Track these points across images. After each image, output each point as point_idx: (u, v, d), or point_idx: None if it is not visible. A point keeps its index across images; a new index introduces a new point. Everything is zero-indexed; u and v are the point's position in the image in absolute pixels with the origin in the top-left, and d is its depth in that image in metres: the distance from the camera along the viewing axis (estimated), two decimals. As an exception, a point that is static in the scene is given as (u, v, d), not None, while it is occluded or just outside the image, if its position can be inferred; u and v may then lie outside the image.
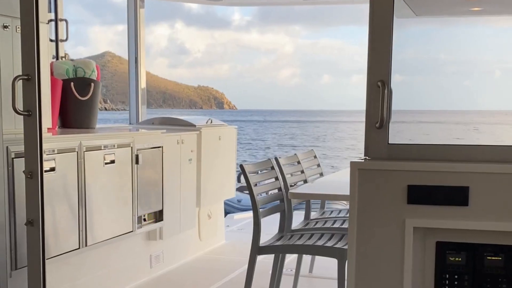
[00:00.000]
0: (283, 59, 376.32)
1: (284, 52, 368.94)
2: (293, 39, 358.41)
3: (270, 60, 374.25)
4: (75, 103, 4.24)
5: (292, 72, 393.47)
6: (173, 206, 4.79)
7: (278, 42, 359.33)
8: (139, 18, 5.73)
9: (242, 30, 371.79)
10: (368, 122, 2.24)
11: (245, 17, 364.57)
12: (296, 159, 4.58)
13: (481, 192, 2.11)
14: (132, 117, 5.85)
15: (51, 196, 3.37)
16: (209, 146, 5.33)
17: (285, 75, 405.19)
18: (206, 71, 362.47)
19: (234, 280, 4.75)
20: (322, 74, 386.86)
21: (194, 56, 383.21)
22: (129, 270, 4.48)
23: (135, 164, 4.15)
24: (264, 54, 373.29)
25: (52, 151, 3.40)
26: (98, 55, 29.77)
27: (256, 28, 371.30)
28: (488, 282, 2.18)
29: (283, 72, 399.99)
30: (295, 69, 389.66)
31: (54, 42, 4.76)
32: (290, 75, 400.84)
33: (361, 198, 2.20)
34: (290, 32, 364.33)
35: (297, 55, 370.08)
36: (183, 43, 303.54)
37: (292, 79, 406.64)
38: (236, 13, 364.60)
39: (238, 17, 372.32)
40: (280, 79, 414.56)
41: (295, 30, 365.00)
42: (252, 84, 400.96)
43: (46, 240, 3.00)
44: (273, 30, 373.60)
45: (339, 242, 3.63)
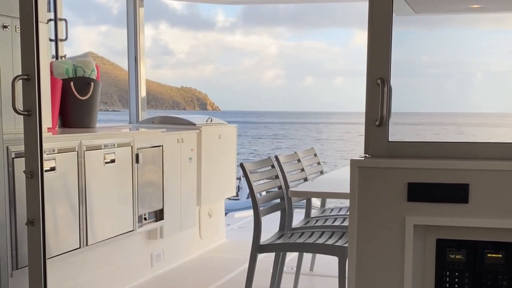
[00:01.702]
0: (266, 60, 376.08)
1: (268, 54, 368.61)
2: (276, 40, 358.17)
3: (253, 62, 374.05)
4: (75, 103, 4.24)
5: (275, 73, 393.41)
6: (173, 205, 4.80)
7: (262, 44, 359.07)
8: (138, 17, 5.73)
9: (226, 31, 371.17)
10: (368, 120, 2.24)
11: (229, 18, 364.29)
12: (296, 157, 4.58)
13: (481, 189, 2.11)
14: (132, 117, 5.85)
15: (52, 195, 3.37)
16: (209, 144, 5.33)
17: (268, 76, 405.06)
18: (190, 72, 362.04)
19: (234, 278, 4.75)
20: (306, 75, 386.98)
21: (177, 57, 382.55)
22: (130, 269, 4.49)
23: (135, 163, 4.15)
24: (248, 56, 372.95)
25: (52, 151, 3.41)
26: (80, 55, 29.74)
27: (240, 29, 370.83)
28: (489, 279, 2.18)
29: (266, 74, 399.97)
30: (279, 71, 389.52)
31: (54, 41, 4.76)
32: (273, 76, 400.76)
33: (361, 196, 2.21)
34: (274, 33, 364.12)
35: (280, 57, 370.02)
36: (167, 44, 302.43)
37: (276, 80, 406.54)
38: (220, 14, 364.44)
39: (222, 18, 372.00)
40: (264, 80, 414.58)
41: (279, 32, 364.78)
42: (236, 85, 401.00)
43: (47, 240, 3.00)
44: (257, 31, 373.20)
45: (339, 240, 3.63)
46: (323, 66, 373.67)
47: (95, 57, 59.14)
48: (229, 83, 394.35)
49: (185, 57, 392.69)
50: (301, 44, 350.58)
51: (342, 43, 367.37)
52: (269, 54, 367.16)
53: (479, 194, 2.11)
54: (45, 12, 3.71)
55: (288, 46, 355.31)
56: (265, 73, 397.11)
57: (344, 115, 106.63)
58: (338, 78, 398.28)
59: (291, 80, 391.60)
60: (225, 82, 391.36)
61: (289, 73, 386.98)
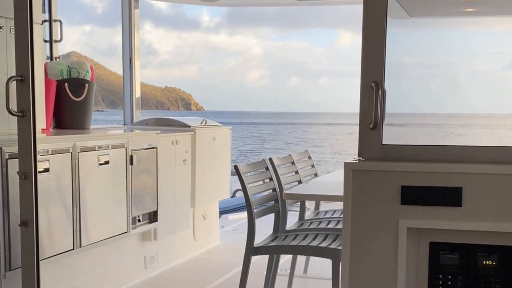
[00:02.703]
0: (251, 61, 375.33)
1: (253, 54, 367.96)
2: (261, 41, 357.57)
3: (238, 62, 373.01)
4: (69, 104, 4.24)
5: (260, 74, 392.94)
6: (167, 206, 4.79)
7: (246, 44, 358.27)
8: (133, 19, 5.73)
9: (211, 31, 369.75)
10: (362, 123, 2.24)
11: (214, 18, 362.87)
12: (291, 159, 4.58)
13: (475, 192, 2.12)
14: (126, 118, 5.85)
15: (45, 197, 3.36)
16: (203, 146, 5.33)
17: (253, 77, 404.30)
18: (174, 72, 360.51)
19: (228, 280, 4.75)
20: (290, 76, 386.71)
21: (162, 57, 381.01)
22: (123, 271, 4.48)
23: (129, 165, 4.14)
24: (233, 56, 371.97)
25: (46, 152, 3.40)
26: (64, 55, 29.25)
27: (225, 29, 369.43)
28: (482, 283, 2.19)
29: (251, 74, 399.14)
30: (264, 71, 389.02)
31: (48, 42, 4.76)
32: (258, 77, 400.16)
33: (355, 199, 2.21)
34: (259, 34, 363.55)
35: (265, 57, 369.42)
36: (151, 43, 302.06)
37: (260, 80, 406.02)
38: (205, 14, 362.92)
39: (207, 18, 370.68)
40: (248, 80, 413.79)
41: (264, 32, 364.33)
42: (220, 85, 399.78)
43: (40, 241, 2.99)
44: (242, 31, 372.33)
45: (333, 242, 3.63)
46: (308, 67, 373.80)
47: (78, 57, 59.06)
48: (214, 83, 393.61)
49: (170, 57, 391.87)
50: (286, 45, 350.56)
51: (326, 43, 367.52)
52: (254, 55, 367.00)
53: (473, 197, 2.12)
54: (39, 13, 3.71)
55: (273, 47, 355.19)
56: (249, 73, 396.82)
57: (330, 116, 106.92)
58: (323, 79, 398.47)
59: (276, 80, 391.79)
60: (210, 82, 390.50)
61: (273, 74, 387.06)
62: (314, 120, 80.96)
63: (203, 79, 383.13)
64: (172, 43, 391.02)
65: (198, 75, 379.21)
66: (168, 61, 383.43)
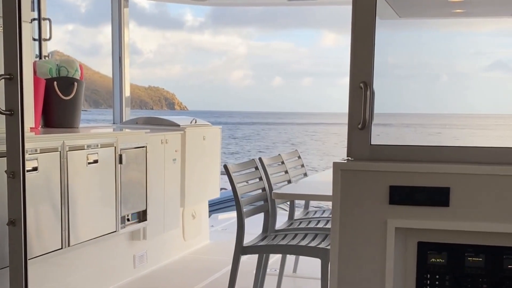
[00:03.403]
0: (235, 60, 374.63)
1: (236, 54, 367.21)
2: (245, 40, 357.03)
3: (222, 62, 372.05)
4: (58, 103, 4.22)
5: (244, 73, 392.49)
6: (157, 206, 4.78)
7: (230, 44, 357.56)
8: (123, 18, 5.71)
9: (195, 31, 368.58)
10: (350, 123, 2.25)
11: (198, 18, 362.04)
12: (280, 159, 4.59)
13: (462, 193, 2.13)
14: (116, 117, 5.83)
15: (34, 196, 3.35)
16: (193, 146, 5.33)
17: (237, 76, 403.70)
18: (157, 72, 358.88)
19: (218, 280, 4.75)
20: (274, 76, 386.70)
21: (145, 56, 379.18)
22: (112, 270, 4.47)
23: (118, 164, 4.13)
24: (216, 55, 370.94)
25: (35, 151, 3.38)
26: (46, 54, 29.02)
27: (209, 29, 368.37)
28: (469, 282, 2.20)
29: (235, 74, 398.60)
30: (247, 71, 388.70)
31: (37, 41, 4.73)
32: (242, 76, 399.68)
33: (344, 198, 2.22)
34: (243, 33, 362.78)
35: (249, 57, 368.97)
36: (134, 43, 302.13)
37: (244, 80, 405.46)
38: (189, 13, 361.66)
39: (191, 18, 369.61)
40: (232, 80, 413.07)
41: (248, 32, 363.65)
42: (204, 85, 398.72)
43: (29, 240, 2.98)
44: (226, 31, 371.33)
45: (322, 242, 3.64)
46: (291, 67, 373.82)
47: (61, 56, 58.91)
48: (197, 83, 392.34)
49: (153, 56, 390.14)
50: (270, 45, 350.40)
51: (309, 44, 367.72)
52: (237, 54, 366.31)
53: (460, 197, 2.13)
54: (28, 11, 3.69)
55: (256, 46, 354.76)
56: (233, 73, 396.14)
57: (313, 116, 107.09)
58: (306, 79, 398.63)
59: (259, 80, 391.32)
60: (193, 81, 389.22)
61: (257, 73, 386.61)
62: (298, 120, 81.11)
63: (186, 79, 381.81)
64: (155, 43, 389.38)
65: (182, 74, 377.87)
66: (151, 60, 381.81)
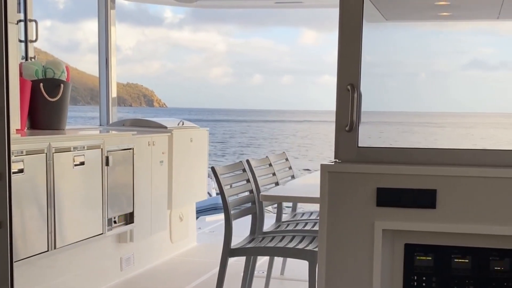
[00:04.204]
0: (214, 58, 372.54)
1: (216, 51, 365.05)
2: (225, 38, 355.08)
3: (201, 59, 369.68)
4: (44, 104, 4.19)
5: (223, 71, 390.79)
6: (144, 208, 4.77)
7: (210, 41, 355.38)
8: (110, 17, 5.69)
9: (174, 27, 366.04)
10: (338, 125, 2.26)
11: (178, 14, 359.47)
12: (268, 161, 4.59)
13: (448, 195, 2.14)
14: (102, 119, 5.80)
15: (20, 198, 3.33)
16: (180, 148, 5.32)
17: (216, 74, 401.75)
18: (136, 69, 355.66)
19: (205, 282, 4.74)
20: (254, 73, 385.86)
21: (124, 53, 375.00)
22: (99, 273, 4.44)
23: (105, 165, 4.11)
24: (196, 52, 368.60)
25: (21, 153, 3.36)
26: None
27: (189, 26, 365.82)
28: (456, 284, 2.21)
29: (214, 71, 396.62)
30: (227, 68, 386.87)
31: (23, 42, 4.71)
32: (221, 74, 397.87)
33: (331, 200, 2.22)
34: (223, 31, 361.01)
35: (228, 54, 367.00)
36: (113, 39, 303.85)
37: (224, 78, 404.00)
38: (168, 10, 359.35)
39: (171, 15, 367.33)
40: (212, 77, 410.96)
41: (228, 29, 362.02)
42: (183, 82, 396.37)
43: (14, 243, 2.95)
44: (205, 28, 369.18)
45: (310, 244, 3.65)
46: (271, 65, 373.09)
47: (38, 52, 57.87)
48: (177, 80, 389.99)
49: (132, 53, 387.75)
50: (249, 42, 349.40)
51: (289, 41, 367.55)
52: (217, 51, 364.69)
53: (446, 199, 2.14)
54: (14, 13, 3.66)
55: (236, 44, 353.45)
56: (213, 70, 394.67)
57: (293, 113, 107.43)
58: (286, 77, 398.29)
59: (239, 77, 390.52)
60: (172, 79, 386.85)
61: (237, 71, 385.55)
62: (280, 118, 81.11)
63: (165, 76, 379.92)
64: (134, 39, 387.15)
65: (161, 71, 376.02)
66: (130, 57, 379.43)
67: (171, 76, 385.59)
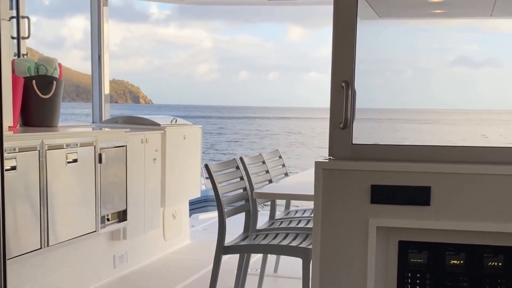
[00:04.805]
0: (200, 54, 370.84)
1: (202, 47, 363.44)
2: (211, 34, 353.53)
3: (187, 55, 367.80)
4: (37, 101, 4.17)
5: (209, 67, 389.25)
6: (137, 206, 4.75)
7: (196, 37, 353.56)
8: (102, 13, 5.67)
9: (160, 24, 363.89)
10: (332, 122, 2.26)
11: (164, 11, 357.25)
12: (261, 159, 4.59)
13: (443, 192, 2.14)
14: (95, 116, 5.78)
15: (12, 195, 3.31)
16: (173, 145, 5.30)
17: (202, 70, 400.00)
18: (122, 65, 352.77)
19: (199, 280, 4.73)
20: (240, 70, 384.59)
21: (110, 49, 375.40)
22: (92, 271, 4.43)
23: (98, 163, 4.10)
24: (182, 49, 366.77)
25: (13, 150, 3.35)
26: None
27: (175, 22, 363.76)
28: (450, 281, 2.21)
29: (200, 68, 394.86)
30: (213, 65, 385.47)
31: (16, 39, 4.68)
32: (207, 70, 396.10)
33: (325, 198, 2.22)
34: (209, 27, 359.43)
35: (215, 51, 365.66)
36: None
37: (210, 74, 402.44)
38: (154, 6, 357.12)
39: (157, 11, 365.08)
40: (198, 74, 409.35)
41: (214, 25, 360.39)
42: (169, 78, 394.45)
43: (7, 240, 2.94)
44: (191, 24, 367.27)
45: (303, 241, 3.64)
46: (257, 61, 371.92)
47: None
48: (163, 76, 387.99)
49: (117, 49, 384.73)
50: (236, 39, 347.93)
51: (276, 38, 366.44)
52: (203, 48, 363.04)
53: (441, 196, 2.14)
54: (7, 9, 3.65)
55: (222, 40, 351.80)
56: (199, 67, 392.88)
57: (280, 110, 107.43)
58: (272, 73, 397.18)
59: (225, 74, 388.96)
60: (158, 75, 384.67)
61: (223, 67, 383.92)
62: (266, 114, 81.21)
63: (151, 72, 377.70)
64: (120, 36, 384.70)
65: (147, 68, 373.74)
66: (115, 53, 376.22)
67: (157, 73, 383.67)
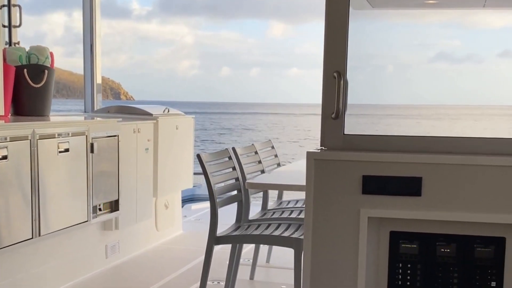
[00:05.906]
0: (182, 50, 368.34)
1: (184, 43, 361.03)
2: (193, 30, 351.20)
3: (169, 51, 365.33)
4: (28, 90, 4.15)
5: (191, 63, 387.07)
6: (129, 195, 4.74)
7: (177, 33, 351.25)
8: (95, 4, 5.64)
9: (142, 19, 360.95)
10: (324, 113, 2.25)
11: (145, 6, 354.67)
12: (254, 149, 4.58)
13: (434, 182, 2.14)
14: (87, 106, 5.76)
15: (3, 185, 3.29)
16: (166, 135, 5.29)
17: (184, 66, 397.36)
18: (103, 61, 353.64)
19: (191, 270, 4.74)
20: (222, 66, 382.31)
21: None
22: (84, 261, 4.43)
23: (90, 152, 4.08)
24: (163, 45, 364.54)
25: (4, 139, 3.32)
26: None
27: (157, 18, 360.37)
28: (440, 271, 2.22)
29: (182, 64, 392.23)
30: (195, 61, 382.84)
31: (7, 28, 4.65)
32: (189, 66, 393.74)
33: (317, 188, 2.22)
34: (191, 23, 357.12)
35: (196, 47, 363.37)
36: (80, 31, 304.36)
37: (192, 70, 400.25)
38: (135, 2, 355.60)
39: (138, 7, 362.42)
40: (180, 70, 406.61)
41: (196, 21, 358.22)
42: (151, 75, 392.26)
43: (-3, 230, 2.93)
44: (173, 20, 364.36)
45: (295, 232, 3.65)
46: (239, 57, 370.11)
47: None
48: (144, 72, 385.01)
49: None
50: (218, 35, 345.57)
51: (257, 34, 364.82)
52: (185, 44, 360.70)
53: (432, 187, 2.15)
54: (-3, -3, 3.62)
55: (204, 36, 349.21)
56: (181, 63, 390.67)
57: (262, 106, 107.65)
58: (254, 69, 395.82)
59: (207, 70, 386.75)
60: (140, 71, 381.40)
61: (205, 63, 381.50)
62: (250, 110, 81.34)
63: (133, 68, 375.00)
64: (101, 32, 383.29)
65: (128, 64, 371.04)
66: None
67: (138, 69, 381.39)
